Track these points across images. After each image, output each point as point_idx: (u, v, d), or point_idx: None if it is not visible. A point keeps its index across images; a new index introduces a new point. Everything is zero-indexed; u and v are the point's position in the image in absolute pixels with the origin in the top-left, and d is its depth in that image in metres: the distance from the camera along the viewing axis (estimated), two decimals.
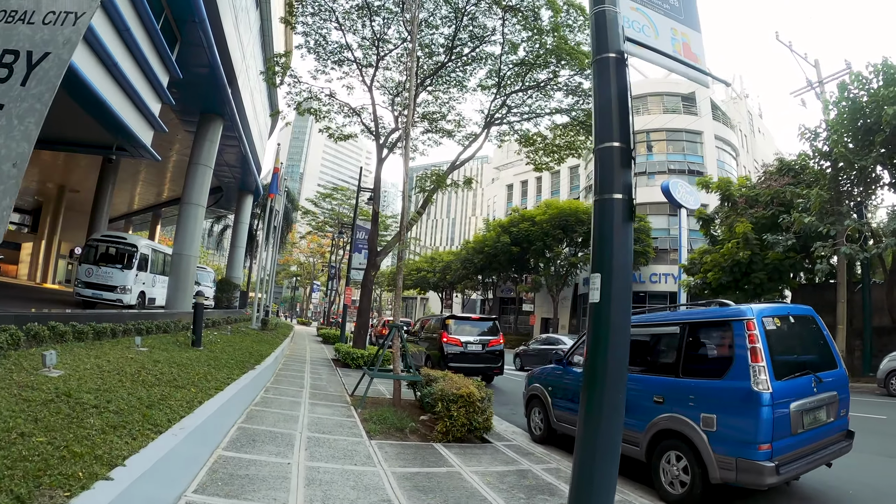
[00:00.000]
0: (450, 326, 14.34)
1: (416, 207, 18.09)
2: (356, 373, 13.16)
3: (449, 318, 14.56)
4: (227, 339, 12.39)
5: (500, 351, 14.85)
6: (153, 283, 18.53)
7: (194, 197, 18.56)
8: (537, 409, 8.15)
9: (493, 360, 14.59)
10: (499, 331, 15.16)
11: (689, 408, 5.26)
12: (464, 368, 14.19)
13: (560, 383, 7.73)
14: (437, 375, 8.39)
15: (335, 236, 35.07)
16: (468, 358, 14.15)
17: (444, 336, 14.05)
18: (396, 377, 8.91)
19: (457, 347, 14.05)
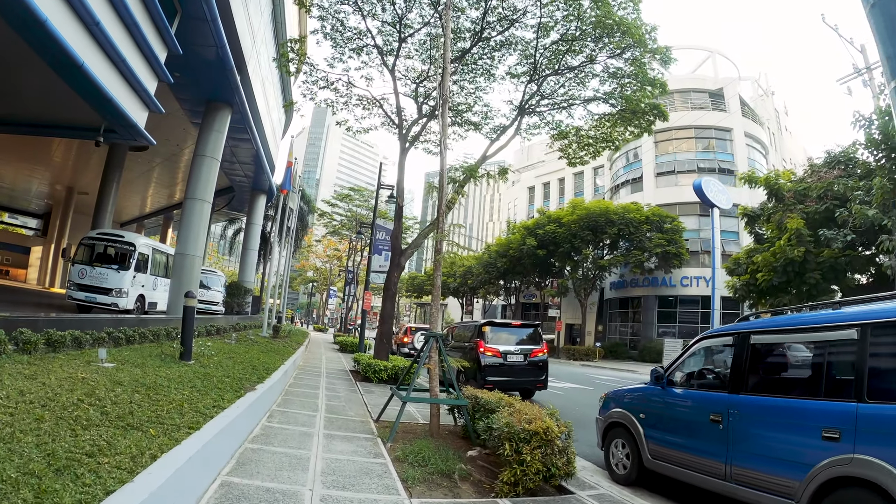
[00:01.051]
0: (487, 334, 12.40)
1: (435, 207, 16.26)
2: (379, 389, 11.27)
3: (486, 324, 12.63)
4: (229, 349, 10.57)
5: (544, 362, 12.91)
6: (154, 286, 16.85)
7: (199, 191, 16.88)
8: (620, 442, 6.24)
9: (537, 373, 12.65)
10: (542, 339, 13.21)
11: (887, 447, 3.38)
12: (504, 383, 12.26)
13: (658, 409, 5.81)
14: (490, 398, 6.50)
15: (353, 238, 33.32)
16: (509, 371, 12.24)
17: (481, 345, 12.12)
18: (436, 401, 7.00)
19: (495, 359, 12.12)
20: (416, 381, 7.60)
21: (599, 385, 19.04)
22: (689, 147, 47.56)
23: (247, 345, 12.57)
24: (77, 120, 13.06)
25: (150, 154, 26.77)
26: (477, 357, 12.08)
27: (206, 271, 26.94)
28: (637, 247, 36.45)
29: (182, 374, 6.33)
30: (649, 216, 36.18)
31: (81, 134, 13.25)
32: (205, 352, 8.76)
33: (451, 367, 7.27)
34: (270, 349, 13.05)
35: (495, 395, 6.78)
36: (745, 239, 43.94)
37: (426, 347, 7.17)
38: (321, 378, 12.05)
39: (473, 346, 12.38)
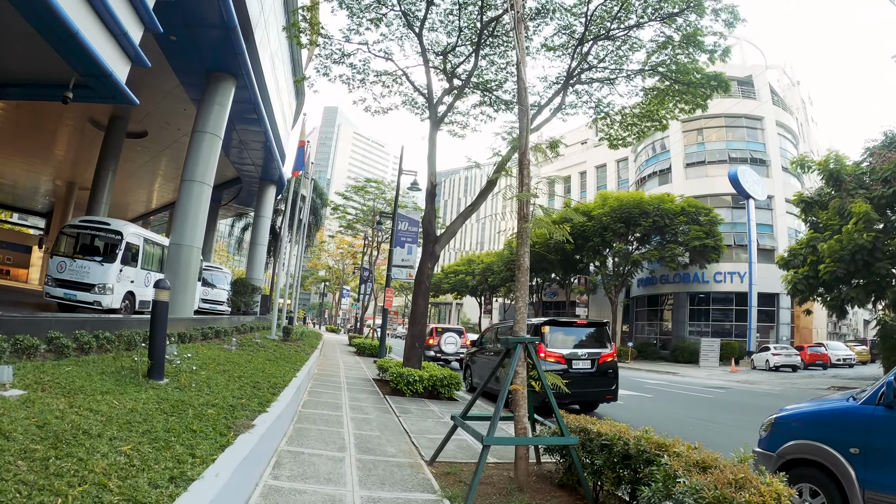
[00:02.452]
0: (546, 336, 10.06)
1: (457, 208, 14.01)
2: (416, 406, 8.94)
3: (546, 323, 10.28)
4: (226, 358, 8.28)
5: (615, 368, 10.58)
6: (146, 282, 14.65)
7: (198, 172, 14.65)
8: (809, 489, 4.25)
9: (607, 382, 10.31)
10: (610, 340, 10.86)
11: None
12: (569, 395, 10.02)
13: (887, 443, 3.54)
14: (606, 431, 4.21)
15: (373, 227, 31.05)
16: (575, 380, 9.87)
17: (541, 350, 9.76)
18: (534, 441, 4.72)
19: (558, 366, 9.77)
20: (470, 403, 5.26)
21: (655, 391, 16.64)
22: (718, 136, 45.14)
23: (251, 351, 10.29)
24: (39, 73, 10.82)
25: (151, 142, 24.77)
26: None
27: (211, 268, 24.77)
28: (672, 240, 33.93)
29: (138, 406, 4.03)
30: (685, 207, 33.65)
31: (44, 93, 11.05)
32: (187, 364, 6.45)
33: (548, 388, 4.93)
34: (280, 355, 10.77)
35: (609, 424, 4.53)
36: (781, 232, 41.51)
37: (511, 359, 4.85)
38: (342, 392, 9.74)
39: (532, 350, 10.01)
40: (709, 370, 30.37)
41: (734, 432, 9.10)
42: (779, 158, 43.08)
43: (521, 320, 5.05)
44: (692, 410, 12.61)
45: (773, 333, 39.12)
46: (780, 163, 42.90)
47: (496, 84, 15.23)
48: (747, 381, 23.31)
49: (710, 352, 34.51)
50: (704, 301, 40.91)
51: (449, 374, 10.24)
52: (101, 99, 10.31)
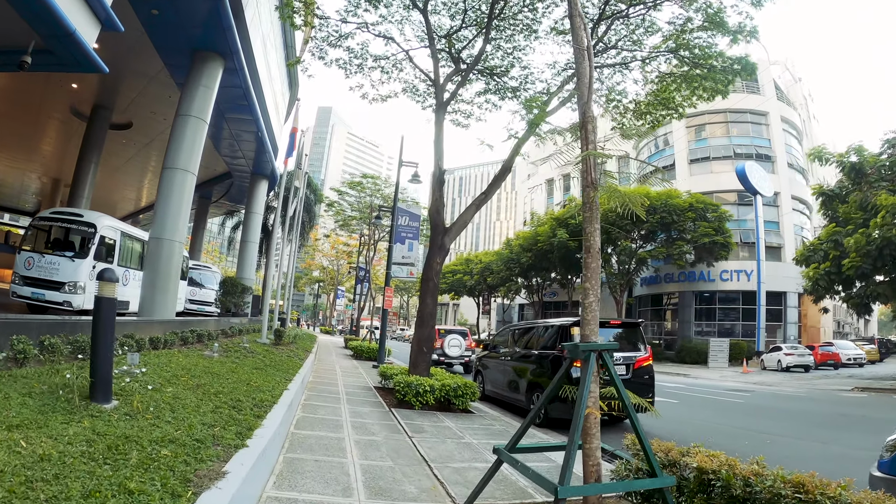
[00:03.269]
0: (577, 338, 8.79)
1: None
2: (428, 421, 7.66)
3: (574, 324, 9.01)
4: (203, 367, 6.99)
5: (651, 373, 9.38)
6: (124, 281, 13.33)
7: (181, 159, 13.32)
8: None
9: (644, 390, 9.08)
10: (644, 342, 9.63)
11: None
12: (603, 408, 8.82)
13: None
14: (740, 471, 2.93)
15: (369, 223, 29.67)
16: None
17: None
18: (618, 487, 3.48)
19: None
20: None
21: (677, 395, 15.44)
22: (723, 132, 44.19)
23: (237, 357, 8.99)
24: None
25: (136, 133, 23.45)
26: (569, 373, 8.48)
27: (198, 267, 23.44)
28: (679, 237, 32.81)
29: (56, 450, 2.75)
30: (692, 203, 32.54)
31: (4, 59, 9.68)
32: (152, 378, 5.15)
33: (631, 410, 3.66)
34: (270, 362, 9.47)
35: (711, 457, 3.30)
36: (787, 230, 40.51)
37: (584, 372, 3.58)
38: (341, 405, 8.44)
39: (555, 356, 8.78)
40: (719, 371, 29.26)
41: (793, 444, 7.99)
42: (784, 155, 42.17)
43: (591, 320, 3.79)
44: (729, 418, 11.42)
45: (780, 333, 38.16)
46: (785, 159, 41.99)
47: (502, 70, 14.27)
48: (764, 382, 22.19)
49: (718, 352, 33.41)
50: (710, 300, 39.89)
51: (463, 382, 8.98)
52: (64, 66, 8.96)
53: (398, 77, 13.92)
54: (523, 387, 9.66)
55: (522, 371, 9.78)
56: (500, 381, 10.79)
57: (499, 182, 11.15)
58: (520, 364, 9.98)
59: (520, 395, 9.86)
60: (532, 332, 10.18)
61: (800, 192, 42.04)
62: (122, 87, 19.47)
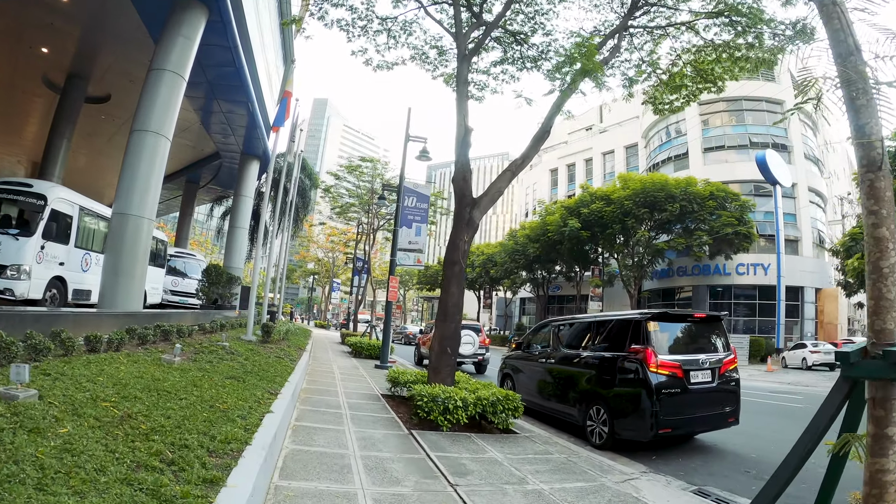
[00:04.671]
0: (654, 337, 6.78)
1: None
2: (465, 449, 5.61)
3: (654, 317, 6.98)
4: (150, 379, 4.91)
5: (737, 379, 7.44)
6: (83, 266, 11.24)
7: (153, 120, 11.17)
8: None
9: (730, 399, 7.22)
10: (728, 340, 7.67)
11: None
12: (688, 423, 6.86)
13: None
14: None
15: (369, 209, 27.55)
16: (696, 400, 6.82)
17: (651, 358, 6.49)
18: None
19: (675, 381, 6.55)
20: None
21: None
22: (738, 120, 42.36)
23: (208, 361, 6.90)
24: None
25: (115, 107, 21.34)
26: (642, 379, 6.47)
27: (182, 254, 21.34)
28: (697, 227, 30.90)
29: None
30: (713, 192, 30.61)
31: None
32: (33, 413, 3.04)
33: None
34: (252, 367, 7.37)
35: None
36: (805, 223, 38.70)
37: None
38: (345, 425, 6.36)
39: (633, 360, 6.73)
40: (742, 370, 27.32)
41: None
42: (801, 145, 40.39)
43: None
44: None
45: (797, 329, 36.51)
46: (802, 150, 40.22)
47: (523, 37, 12.43)
48: (799, 381, 20.37)
49: (737, 350, 31.54)
50: (725, 295, 38.10)
51: (504, 394, 6.93)
52: None
53: (406, 42, 12.14)
54: (575, 397, 7.64)
55: (573, 377, 7.74)
56: (539, 388, 8.76)
57: (538, 145, 9.12)
58: (569, 368, 7.94)
59: (568, 406, 7.84)
60: (587, 327, 8.10)
61: (815, 183, 40.40)
62: (96, 50, 17.43)
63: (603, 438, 7.00)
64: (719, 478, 5.96)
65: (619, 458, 6.48)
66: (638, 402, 6.56)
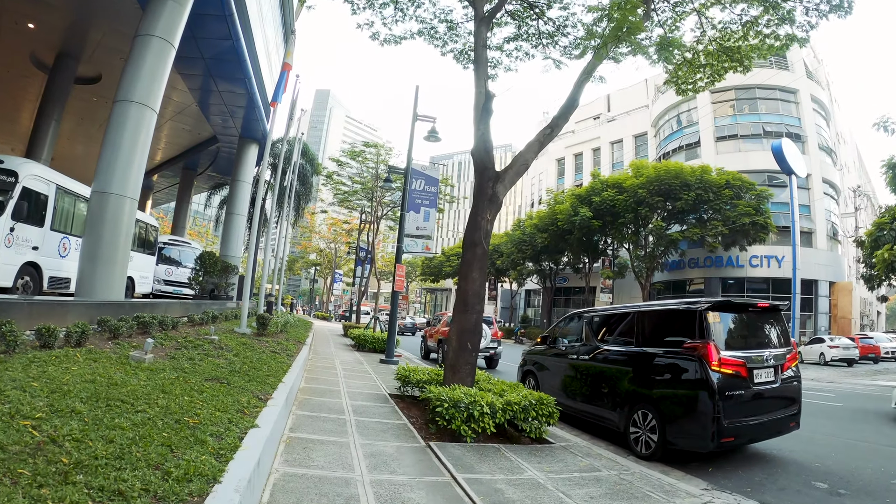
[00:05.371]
0: (714, 329, 5.78)
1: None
2: (497, 468, 4.59)
3: (714, 307, 5.97)
4: (100, 385, 3.87)
5: (799, 378, 6.40)
6: (61, 251, 10.21)
7: (138, 90, 10.09)
8: None
9: (792, 401, 6.20)
10: (788, 333, 6.65)
11: None
12: (752, 430, 5.82)
13: None
14: None
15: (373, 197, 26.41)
16: (759, 403, 5.87)
17: (712, 354, 5.48)
18: None
19: (739, 381, 5.58)
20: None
21: None
22: (751, 109, 41.15)
23: (188, 359, 5.87)
24: None
25: (107, 89, 20.22)
26: (702, 379, 5.47)
27: (176, 242, 20.31)
28: (713, 217, 29.80)
29: None
30: (729, 180, 29.49)
31: None
32: None
33: None
34: (241, 365, 6.34)
35: None
36: (819, 215, 37.58)
37: None
38: (349, 436, 5.33)
39: (690, 356, 5.71)
40: None
41: None
42: (815, 136, 39.23)
43: None
44: (853, 429, 8.55)
45: (811, 323, 35.46)
46: (816, 140, 39.08)
47: (539, 9, 11.51)
48: (821, 378, 19.42)
49: None
50: (737, 287, 37.00)
51: (538, 397, 5.92)
52: None
53: (414, 15, 11.45)
54: (614, 400, 6.62)
55: (612, 376, 6.71)
56: (567, 388, 7.73)
57: (567, 114, 8.06)
58: (607, 366, 6.91)
59: (605, 409, 6.82)
60: (629, 319, 7.03)
61: (830, 174, 39.34)
62: (85, 25, 16.40)
63: (650, 448, 5.99)
64: (792, 493, 5.06)
65: (673, 472, 5.52)
66: (696, 405, 5.55)
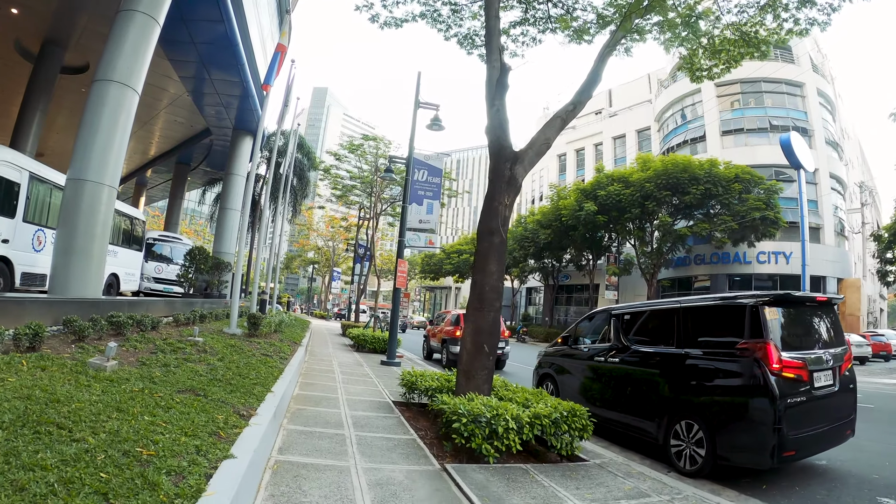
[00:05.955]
0: (772, 326, 4.97)
1: None
2: (532, 500, 3.75)
3: (772, 301, 5.15)
4: (51, 398, 3.04)
5: (855, 380, 5.62)
6: (36, 244, 9.37)
7: (118, 69, 9.26)
8: None
9: (849, 406, 5.48)
10: (842, 331, 5.87)
11: None
12: (814, 440, 5.00)
13: None
14: None
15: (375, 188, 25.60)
16: (818, 408, 5.09)
17: (771, 355, 4.68)
18: None
19: (801, 387, 4.84)
20: None
21: None
22: (757, 103, 40.41)
23: (162, 364, 5.04)
24: None
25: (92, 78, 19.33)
26: (759, 385, 4.70)
27: (167, 238, 19.48)
28: (721, 212, 29.05)
29: None
30: (738, 174, 28.72)
31: None
32: None
33: None
34: (225, 372, 5.50)
35: None
36: (826, 210, 36.91)
37: None
38: (349, 455, 4.49)
39: (745, 358, 4.92)
40: None
41: None
42: (822, 130, 38.57)
43: None
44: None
45: None
46: (822, 134, 38.43)
47: None
48: None
49: None
50: (745, 284, 36.27)
51: (568, 408, 5.08)
52: None
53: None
54: (651, 408, 5.82)
55: (649, 381, 5.90)
56: (592, 394, 6.92)
57: (590, 90, 7.26)
58: (641, 369, 6.09)
59: (639, 419, 6.02)
60: (667, 316, 6.19)
61: (836, 169, 38.71)
62: (70, 10, 15.56)
63: (696, 463, 5.20)
64: None
65: (725, 491, 4.79)
66: (754, 415, 4.77)
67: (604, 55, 7.78)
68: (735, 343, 5.14)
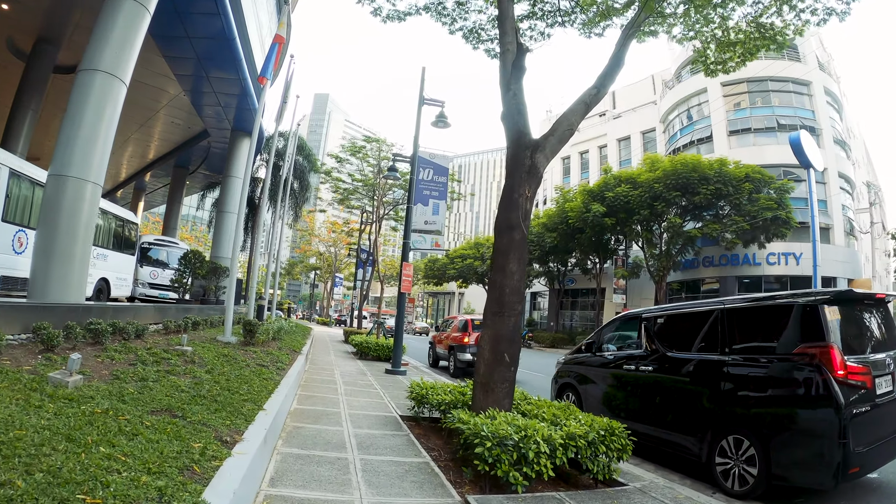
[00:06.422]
0: (833, 328, 4.40)
1: None
2: None
3: (832, 300, 4.57)
4: None
5: None
6: (16, 246, 8.77)
7: (105, 58, 8.68)
8: None
9: None
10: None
11: None
12: (876, 456, 4.37)
13: None
14: None
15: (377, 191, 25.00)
16: (883, 422, 4.52)
17: (834, 360, 4.07)
18: None
19: (866, 395, 4.39)
20: None
21: None
22: (764, 102, 39.87)
23: (140, 379, 4.39)
24: None
25: None
26: (821, 394, 4.06)
27: (164, 243, 18.89)
28: (731, 212, 28.43)
29: None
30: (749, 173, 28.12)
31: None
32: None
33: None
34: (212, 387, 4.84)
35: None
36: (836, 210, 36.32)
37: None
38: (353, 487, 3.83)
39: (804, 364, 4.28)
40: None
41: None
42: (829, 129, 38.05)
43: None
44: None
45: None
46: (830, 133, 37.91)
47: None
48: None
49: None
50: (755, 287, 35.57)
51: (605, 425, 4.44)
52: None
53: None
54: (691, 422, 5.18)
55: (689, 392, 5.26)
56: (620, 405, 6.27)
57: (613, 74, 6.65)
58: (679, 378, 5.45)
59: (677, 434, 5.38)
60: (708, 318, 5.51)
61: (845, 168, 38.16)
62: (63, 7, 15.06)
63: (747, 483, 4.57)
64: None
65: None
66: (816, 428, 4.16)
67: (627, 37, 7.19)
68: (792, 347, 4.51)
